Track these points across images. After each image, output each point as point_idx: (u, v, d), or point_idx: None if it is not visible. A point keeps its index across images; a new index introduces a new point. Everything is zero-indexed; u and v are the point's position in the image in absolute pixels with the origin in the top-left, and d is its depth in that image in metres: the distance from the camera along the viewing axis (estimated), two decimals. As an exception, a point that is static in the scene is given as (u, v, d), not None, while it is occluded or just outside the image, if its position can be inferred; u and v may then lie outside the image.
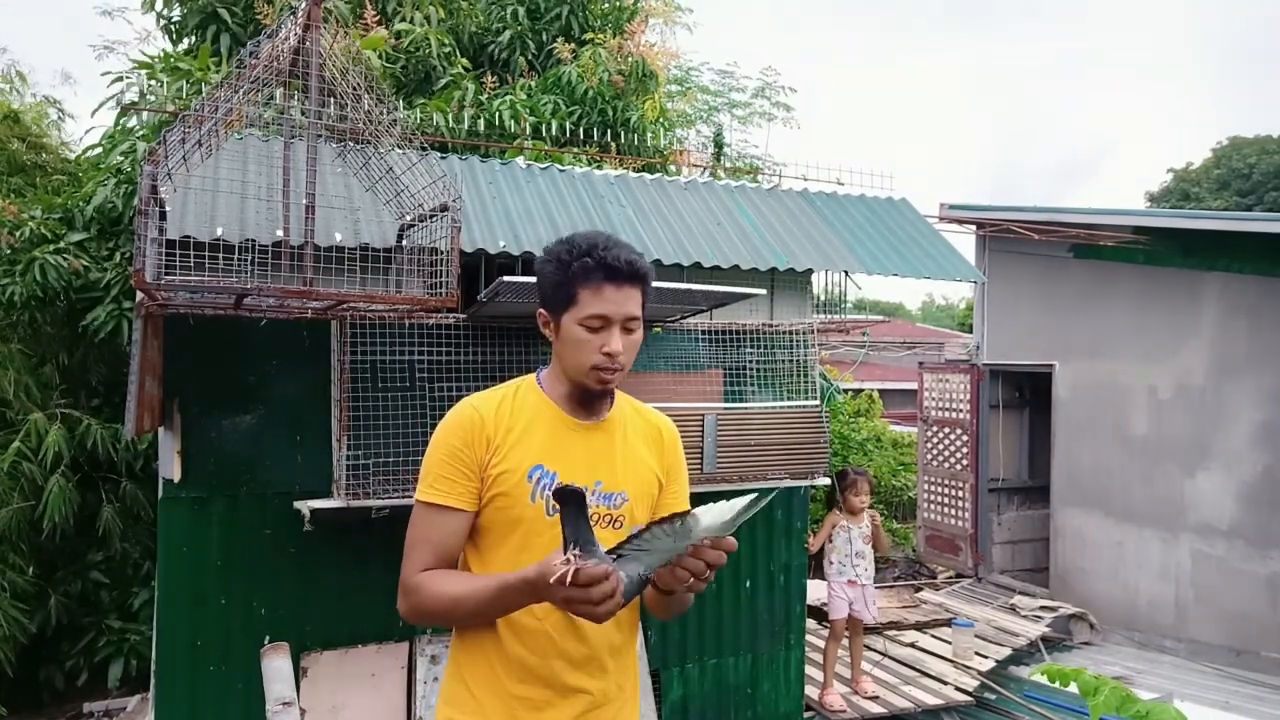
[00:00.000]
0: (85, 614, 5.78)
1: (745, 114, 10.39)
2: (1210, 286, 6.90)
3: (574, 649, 1.57)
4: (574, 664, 1.57)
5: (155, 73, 5.71)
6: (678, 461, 1.77)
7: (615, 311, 1.54)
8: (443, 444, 1.58)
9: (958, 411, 8.66)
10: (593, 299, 1.53)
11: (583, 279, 1.53)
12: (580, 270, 1.53)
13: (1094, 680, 1.84)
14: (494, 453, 1.56)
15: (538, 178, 4.51)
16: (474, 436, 1.56)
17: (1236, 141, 29.74)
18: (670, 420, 1.80)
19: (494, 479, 1.56)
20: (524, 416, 1.61)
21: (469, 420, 1.58)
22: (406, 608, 1.56)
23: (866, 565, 5.29)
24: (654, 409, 1.80)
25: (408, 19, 6.58)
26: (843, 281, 4.79)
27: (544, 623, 1.55)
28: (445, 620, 1.58)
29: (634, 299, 1.56)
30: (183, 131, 2.88)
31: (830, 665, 5.31)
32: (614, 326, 1.54)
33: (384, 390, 3.63)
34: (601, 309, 1.53)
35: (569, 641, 1.56)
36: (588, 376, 1.56)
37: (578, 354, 1.56)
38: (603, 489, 1.61)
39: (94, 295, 5.43)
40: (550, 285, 1.58)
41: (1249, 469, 6.60)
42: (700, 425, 4.02)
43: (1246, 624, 6.57)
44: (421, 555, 1.55)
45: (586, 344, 1.54)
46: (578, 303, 1.54)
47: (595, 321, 1.53)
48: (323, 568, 3.82)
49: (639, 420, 1.73)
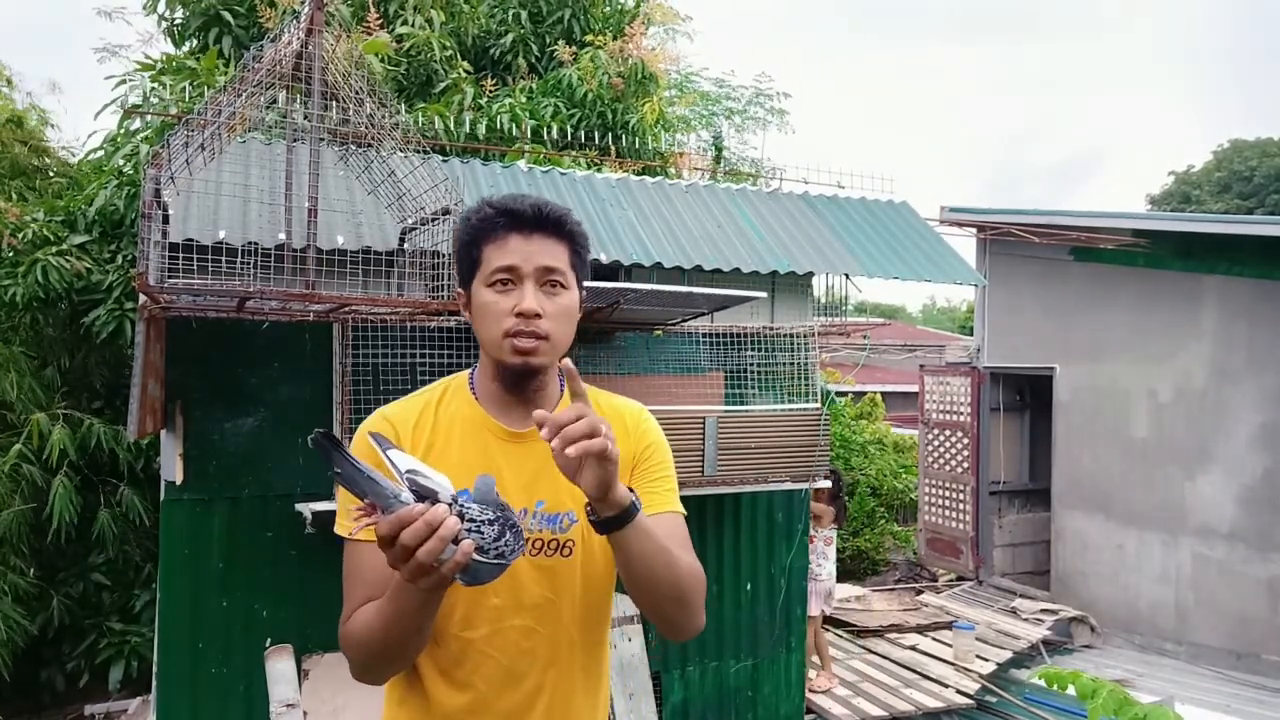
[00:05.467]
0: (86, 616, 5.79)
1: (742, 120, 10.42)
2: (1210, 289, 6.91)
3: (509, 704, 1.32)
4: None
5: (158, 75, 5.73)
6: (651, 449, 1.41)
7: (523, 263, 1.28)
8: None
9: (958, 414, 8.66)
10: (496, 252, 1.29)
11: (486, 231, 1.30)
12: (480, 222, 1.31)
13: (1092, 683, 1.84)
14: None
15: (539, 180, 4.52)
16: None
17: (1237, 144, 29.77)
18: (643, 407, 1.47)
19: None
20: (446, 427, 1.34)
21: (379, 433, 1.26)
22: (351, 664, 1.28)
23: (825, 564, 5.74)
24: (623, 399, 1.47)
25: (409, 22, 6.59)
26: (843, 284, 4.80)
27: (474, 674, 1.32)
28: (373, 657, 1.26)
29: (551, 251, 1.31)
30: (186, 135, 2.89)
31: (814, 652, 5.66)
32: (526, 281, 1.28)
33: (385, 393, 3.63)
34: (505, 260, 1.28)
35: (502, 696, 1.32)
36: (502, 350, 1.28)
37: (488, 323, 1.30)
38: (545, 510, 1.32)
39: (96, 297, 5.45)
40: (459, 254, 1.36)
41: (1249, 472, 6.60)
42: (701, 428, 4.03)
43: (1247, 627, 6.57)
44: (351, 601, 1.27)
45: (493, 306, 1.29)
46: (482, 261, 1.31)
47: (502, 275, 1.29)
48: (324, 570, 3.81)
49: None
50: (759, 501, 4.71)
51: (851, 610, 7.42)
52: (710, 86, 10.34)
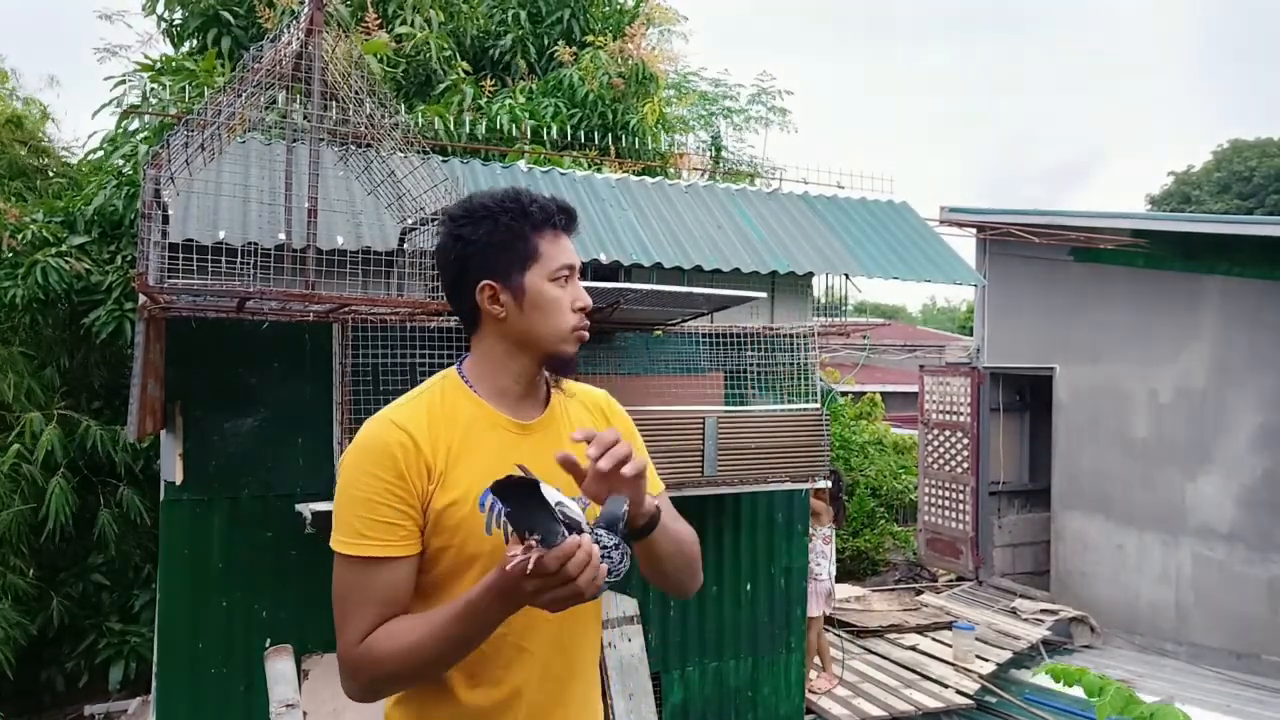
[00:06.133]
0: (86, 616, 5.79)
1: (742, 120, 10.40)
2: (1210, 290, 6.91)
3: (542, 700, 1.35)
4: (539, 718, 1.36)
5: (157, 76, 5.72)
6: (631, 434, 1.50)
7: (576, 261, 1.39)
8: (369, 479, 1.24)
9: (958, 414, 8.66)
10: (555, 250, 1.35)
11: (543, 227, 1.35)
12: (538, 220, 1.34)
13: (1099, 681, 1.84)
14: (437, 483, 1.27)
15: (539, 181, 4.52)
16: (410, 466, 1.25)
17: (1237, 144, 29.78)
18: (605, 392, 1.57)
19: (438, 514, 1.26)
20: (461, 428, 1.32)
21: (399, 445, 1.25)
22: (357, 687, 1.25)
23: (824, 563, 5.76)
24: (587, 385, 1.55)
25: (409, 22, 6.59)
26: (843, 284, 4.80)
27: (510, 672, 1.32)
28: (410, 679, 1.25)
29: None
30: (185, 135, 2.89)
31: (815, 653, 5.68)
32: (574, 277, 1.38)
33: (385, 393, 3.63)
34: (568, 257, 1.36)
35: (537, 694, 1.34)
36: (567, 340, 1.36)
37: (555, 317, 1.34)
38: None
39: (95, 298, 5.44)
40: (498, 247, 1.33)
41: (1249, 472, 6.60)
42: (701, 428, 4.03)
43: (1247, 627, 6.57)
44: (362, 620, 1.24)
45: (558, 303, 1.34)
46: (541, 257, 1.34)
47: (565, 272, 1.35)
48: (324, 570, 3.79)
49: (575, 404, 1.48)
50: (759, 501, 4.71)
51: (851, 610, 7.42)
52: (707, 86, 10.33)
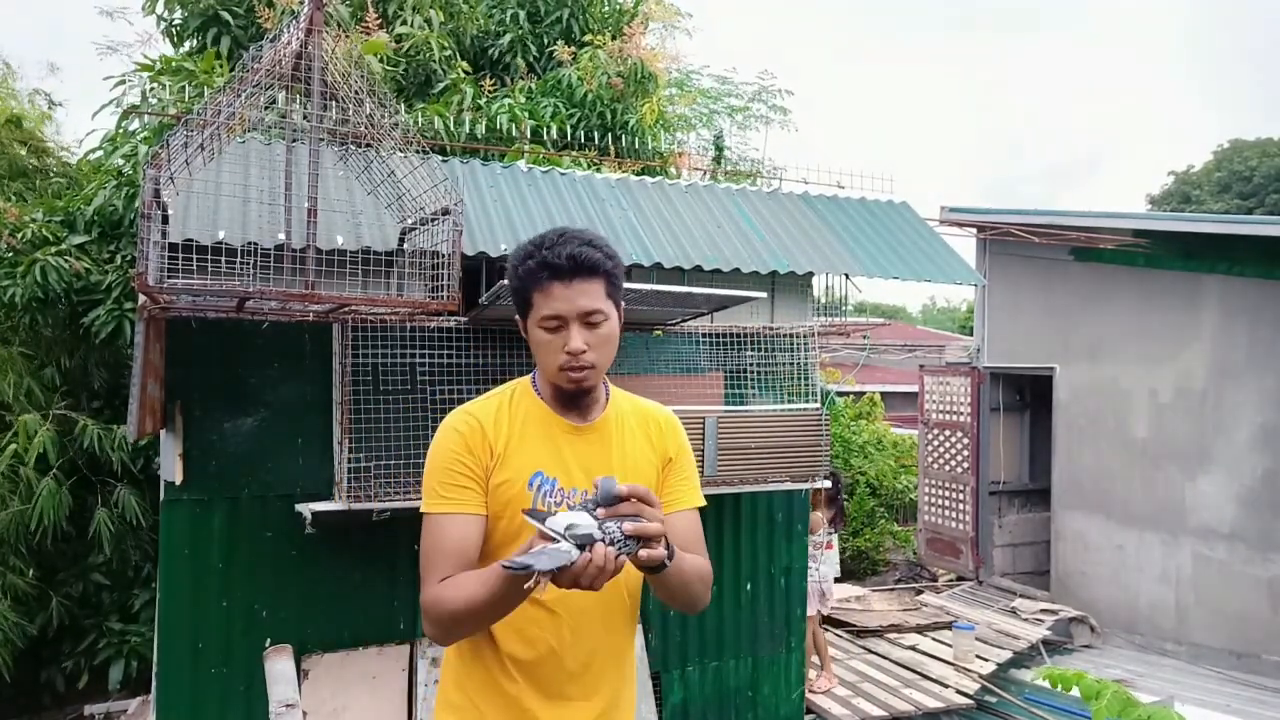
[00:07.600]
0: (86, 616, 5.79)
1: (744, 118, 10.39)
2: (1210, 289, 6.91)
3: (573, 660, 1.57)
4: (573, 675, 1.58)
5: (157, 76, 5.72)
6: (681, 450, 1.73)
7: (568, 309, 1.51)
8: (445, 453, 1.55)
9: (958, 414, 8.66)
10: (543, 300, 1.52)
11: (532, 281, 1.52)
12: (526, 273, 1.53)
13: (1096, 684, 1.84)
14: (496, 460, 1.55)
15: (538, 181, 4.52)
16: (476, 443, 1.55)
17: (1237, 144, 29.80)
18: (670, 412, 1.77)
19: (495, 489, 1.55)
20: (520, 422, 1.59)
21: (469, 427, 1.56)
22: (435, 628, 1.49)
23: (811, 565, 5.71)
24: (652, 403, 1.77)
25: (408, 22, 6.59)
26: (843, 284, 4.79)
27: (545, 631, 1.56)
28: (467, 624, 1.49)
29: (589, 293, 1.52)
30: (185, 135, 2.89)
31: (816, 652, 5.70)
32: (571, 324, 1.52)
33: (385, 393, 3.63)
34: (552, 309, 1.51)
35: (569, 651, 1.57)
36: (558, 377, 1.55)
37: (545, 357, 1.55)
38: None
39: (95, 297, 5.44)
40: (512, 293, 1.60)
41: (1249, 472, 6.60)
42: (701, 428, 4.02)
43: (1247, 627, 6.57)
44: (440, 568, 1.49)
45: (549, 345, 1.54)
46: (533, 306, 1.54)
47: (551, 322, 1.52)
48: (324, 570, 3.82)
49: (635, 418, 1.70)
50: (759, 501, 4.71)
51: (851, 610, 7.42)
52: (711, 83, 10.31)
